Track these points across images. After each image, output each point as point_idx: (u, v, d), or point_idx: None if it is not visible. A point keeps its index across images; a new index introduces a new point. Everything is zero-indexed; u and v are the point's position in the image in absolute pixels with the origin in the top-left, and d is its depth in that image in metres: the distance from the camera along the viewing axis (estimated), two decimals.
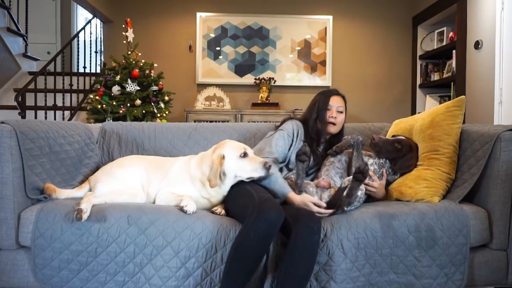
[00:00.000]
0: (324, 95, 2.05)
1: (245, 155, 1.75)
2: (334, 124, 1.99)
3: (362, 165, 1.56)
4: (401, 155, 1.86)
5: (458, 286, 1.63)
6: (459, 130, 1.83)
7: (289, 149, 1.96)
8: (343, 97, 2.07)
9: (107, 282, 1.57)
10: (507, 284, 1.71)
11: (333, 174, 1.84)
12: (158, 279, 1.55)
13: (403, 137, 1.92)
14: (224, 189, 1.77)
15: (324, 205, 1.66)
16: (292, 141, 1.97)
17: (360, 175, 1.56)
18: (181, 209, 1.63)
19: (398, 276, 1.60)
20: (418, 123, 1.97)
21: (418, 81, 5.05)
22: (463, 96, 1.88)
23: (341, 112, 2.01)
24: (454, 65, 4.22)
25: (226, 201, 1.79)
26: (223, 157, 1.73)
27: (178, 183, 1.81)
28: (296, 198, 1.72)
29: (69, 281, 1.58)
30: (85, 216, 1.55)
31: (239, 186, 1.75)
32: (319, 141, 2.02)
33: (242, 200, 1.64)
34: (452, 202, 1.72)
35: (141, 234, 1.57)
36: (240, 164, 1.73)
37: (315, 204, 1.66)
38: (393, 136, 1.96)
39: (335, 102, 2.01)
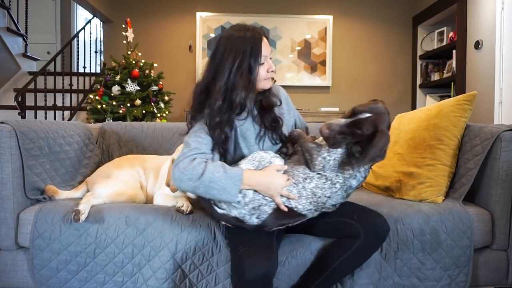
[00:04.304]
0: (250, 42, 1.39)
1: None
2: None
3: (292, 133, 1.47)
4: (365, 139, 1.35)
5: (462, 287, 1.62)
6: (465, 124, 1.79)
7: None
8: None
9: (106, 283, 1.57)
10: (507, 284, 1.71)
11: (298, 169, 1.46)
12: (155, 281, 1.55)
13: (364, 114, 1.33)
14: None
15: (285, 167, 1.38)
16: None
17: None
18: (178, 209, 1.63)
19: (402, 279, 1.59)
20: (423, 113, 1.94)
21: (418, 81, 5.05)
22: (475, 92, 1.83)
23: (271, 58, 1.49)
24: (454, 65, 4.22)
25: None
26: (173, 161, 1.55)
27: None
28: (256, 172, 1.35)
29: (67, 282, 1.58)
30: (83, 217, 1.54)
31: None
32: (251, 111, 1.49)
33: None
34: (456, 202, 1.71)
35: (139, 235, 1.57)
36: None
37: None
38: (352, 112, 1.36)
39: (267, 48, 1.45)
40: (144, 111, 3.93)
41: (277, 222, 1.38)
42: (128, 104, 3.90)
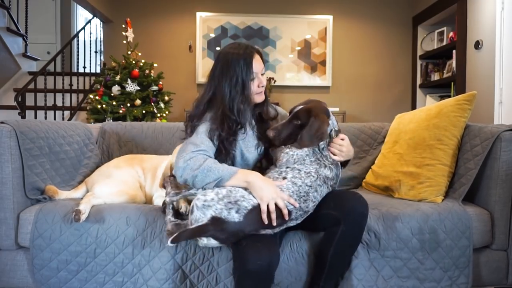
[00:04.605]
0: (242, 58, 1.50)
1: None
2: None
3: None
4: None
5: None
6: (464, 124, 1.80)
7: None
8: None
9: (106, 283, 1.57)
10: (507, 284, 1.71)
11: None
12: (156, 281, 1.55)
13: (299, 107, 1.53)
14: None
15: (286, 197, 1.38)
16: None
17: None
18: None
19: (402, 280, 1.59)
20: (423, 112, 1.94)
21: (418, 81, 5.05)
22: (474, 92, 1.83)
23: (263, 74, 1.58)
24: (454, 65, 4.22)
25: None
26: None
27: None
28: (254, 177, 1.39)
29: (67, 282, 1.58)
30: (83, 217, 1.54)
31: None
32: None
33: None
34: (455, 202, 1.71)
35: (139, 235, 1.57)
36: None
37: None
38: (290, 111, 1.57)
39: (258, 64, 1.54)
40: (144, 111, 3.93)
41: (261, 225, 1.35)
42: (128, 104, 3.90)
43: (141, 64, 4.10)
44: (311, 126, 1.45)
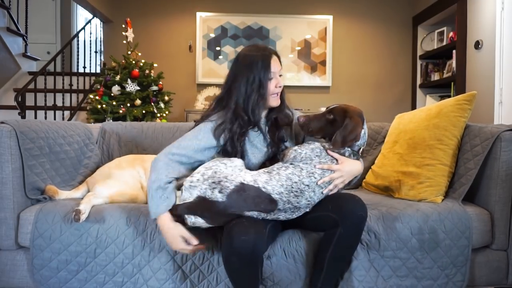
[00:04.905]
0: (260, 58, 1.53)
1: None
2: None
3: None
4: (339, 126, 1.50)
5: (459, 287, 1.62)
6: (464, 124, 1.80)
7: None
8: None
9: (106, 283, 1.57)
10: (507, 284, 1.71)
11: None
12: (156, 281, 1.55)
13: (335, 105, 1.56)
14: None
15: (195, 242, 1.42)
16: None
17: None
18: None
19: (400, 279, 1.59)
20: (424, 112, 1.94)
21: (418, 81, 5.05)
22: (474, 92, 1.83)
23: (281, 75, 1.60)
24: (454, 65, 4.22)
25: None
26: None
27: None
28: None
29: (67, 282, 1.58)
30: (83, 217, 1.54)
31: None
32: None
33: None
34: (455, 202, 1.71)
35: (139, 235, 1.57)
36: None
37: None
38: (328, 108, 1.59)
39: (276, 65, 1.57)
40: (144, 111, 3.93)
41: (245, 203, 1.37)
42: (128, 104, 3.90)
43: (141, 64, 4.10)
44: (345, 126, 1.47)
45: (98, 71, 5.09)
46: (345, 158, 1.49)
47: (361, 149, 1.55)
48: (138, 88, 3.97)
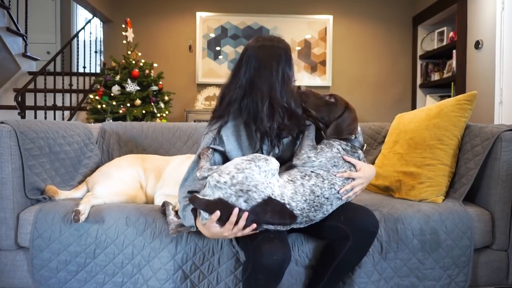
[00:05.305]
0: (283, 50, 1.45)
1: None
2: None
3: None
4: (336, 114, 1.45)
5: (462, 287, 1.62)
6: (465, 124, 1.79)
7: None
8: None
9: (106, 283, 1.57)
10: (508, 284, 1.71)
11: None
12: (156, 281, 1.55)
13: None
14: None
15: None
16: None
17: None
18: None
19: (401, 279, 1.59)
20: (424, 112, 1.93)
21: (419, 81, 5.05)
22: (475, 91, 1.83)
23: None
24: (454, 65, 4.22)
25: None
26: None
27: (173, 184, 1.79)
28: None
29: (67, 282, 1.58)
30: (82, 217, 1.54)
31: None
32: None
33: None
34: (456, 202, 1.71)
35: (139, 235, 1.57)
36: None
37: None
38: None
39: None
40: (144, 111, 3.93)
41: (265, 216, 1.30)
42: (128, 104, 3.90)
43: (141, 64, 4.10)
44: (344, 119, 1.44)
45: (98, 71, 5.09)
46: (361, 162, 1.43)
47: (364, 148, 1.52)
48: (138, 88, 3.97)
